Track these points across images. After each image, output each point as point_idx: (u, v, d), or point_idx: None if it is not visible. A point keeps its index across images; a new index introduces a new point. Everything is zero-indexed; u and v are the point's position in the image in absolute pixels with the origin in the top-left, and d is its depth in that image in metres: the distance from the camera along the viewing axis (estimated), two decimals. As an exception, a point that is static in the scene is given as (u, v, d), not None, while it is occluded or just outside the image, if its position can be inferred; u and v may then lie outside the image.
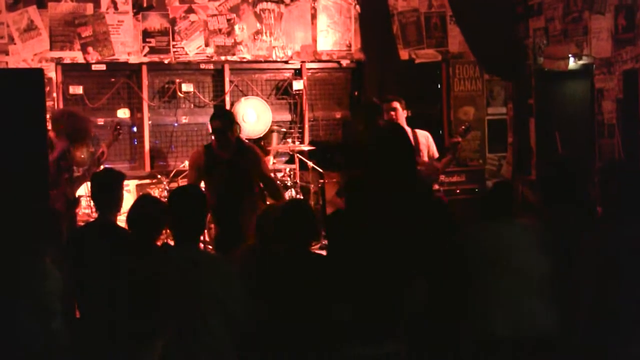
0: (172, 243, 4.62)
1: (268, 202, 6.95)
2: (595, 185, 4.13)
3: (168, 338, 4.01)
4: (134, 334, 4.15)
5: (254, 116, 9.52)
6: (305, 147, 9.30)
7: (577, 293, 4.18)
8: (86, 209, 8.58)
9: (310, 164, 9.26)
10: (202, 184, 6.94)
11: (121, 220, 5.39)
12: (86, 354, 4.56)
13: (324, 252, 5.15)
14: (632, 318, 3.91)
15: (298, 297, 4.37)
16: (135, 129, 9.40)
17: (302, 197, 8.89)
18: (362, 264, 4.58)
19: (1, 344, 4.31)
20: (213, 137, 6.97)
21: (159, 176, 8.81)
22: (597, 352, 3.95)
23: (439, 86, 10.29)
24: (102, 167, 8.54)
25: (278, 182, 8.01)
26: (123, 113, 9.33)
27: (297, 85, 9.76)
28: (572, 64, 8.62)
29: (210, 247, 8.09)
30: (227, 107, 9.50)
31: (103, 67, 9.12)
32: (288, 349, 4.31)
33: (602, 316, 3.86)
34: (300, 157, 9.33)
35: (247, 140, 7.65)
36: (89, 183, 6.42)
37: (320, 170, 9.28)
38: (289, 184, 9.03)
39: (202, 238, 8.16)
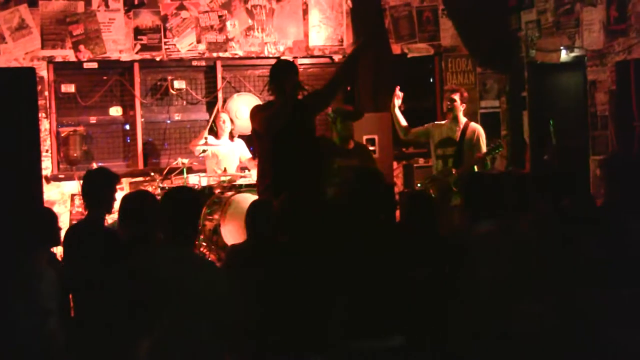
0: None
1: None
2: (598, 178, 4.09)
3: (154, 338, 3.97)
4: (121, 333, 4.11)
5: (247, 112, 9.45)
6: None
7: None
8: (79, 207, 8.58)
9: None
10: None
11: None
12: (80, 353, 4.54)
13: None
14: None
15: (304, 289, 4.34)
16: (128, 127, 9.35)
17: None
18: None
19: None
20: None
21: (152, 174, 8.77)
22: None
23: (432, 80, 10.29)
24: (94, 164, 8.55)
25: None
26: (115, 111, 9.29)
27: (290, 81, 9.70)
28: (565, 56, 8.64)
29: (204, 244, 8.06)
30: (220, 103, 9.47)
31: (95, 65, 9.08)
32: (289, 346, 4.29)
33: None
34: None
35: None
36: (80, 181, 6.35)
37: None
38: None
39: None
